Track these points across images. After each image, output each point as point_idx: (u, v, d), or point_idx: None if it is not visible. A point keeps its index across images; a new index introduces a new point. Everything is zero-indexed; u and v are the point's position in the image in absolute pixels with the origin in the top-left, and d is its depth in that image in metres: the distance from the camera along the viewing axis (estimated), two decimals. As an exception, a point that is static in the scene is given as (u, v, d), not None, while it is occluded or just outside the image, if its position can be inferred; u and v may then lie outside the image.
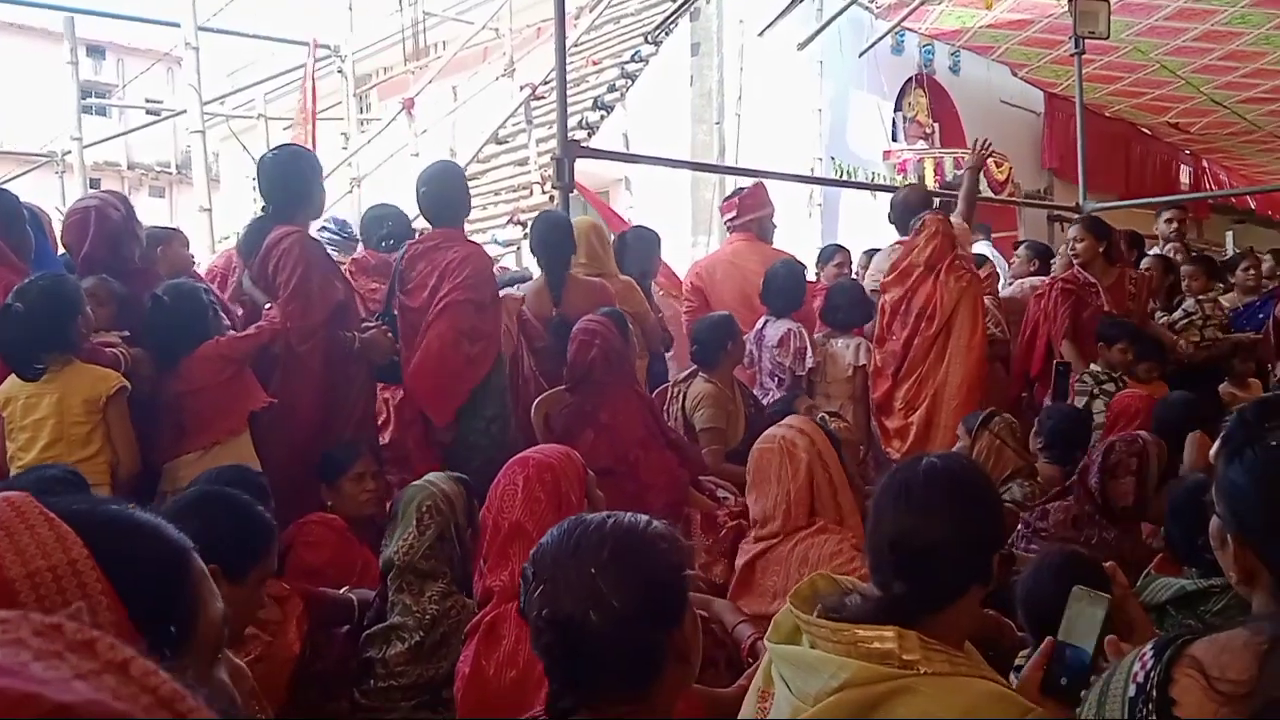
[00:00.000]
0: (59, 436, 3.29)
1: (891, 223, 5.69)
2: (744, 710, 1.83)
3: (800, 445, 2.82)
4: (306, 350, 3.77)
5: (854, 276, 6.36)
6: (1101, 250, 5.72)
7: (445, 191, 4.25)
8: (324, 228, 5.74)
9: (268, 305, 3.84)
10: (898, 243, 5.52)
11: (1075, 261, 5.79)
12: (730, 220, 5.85)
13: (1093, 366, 5.34)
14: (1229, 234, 14.06)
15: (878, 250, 6.03)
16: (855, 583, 1.84)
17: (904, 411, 5.13)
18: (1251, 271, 6.98)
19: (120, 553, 0.93)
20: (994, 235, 9.47)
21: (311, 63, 8.06)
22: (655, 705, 1.47)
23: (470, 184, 5.04)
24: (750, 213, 5.78)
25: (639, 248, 5.41)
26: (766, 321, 5.30)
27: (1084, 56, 8.01)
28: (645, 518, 1.54)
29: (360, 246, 5.51)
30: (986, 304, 5.81)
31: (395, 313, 4.19)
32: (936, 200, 6.30)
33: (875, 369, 5.19)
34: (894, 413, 5.15)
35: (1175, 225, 7.52)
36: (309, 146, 5.15)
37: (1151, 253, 7.18)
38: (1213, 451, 1.40)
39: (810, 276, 6.07)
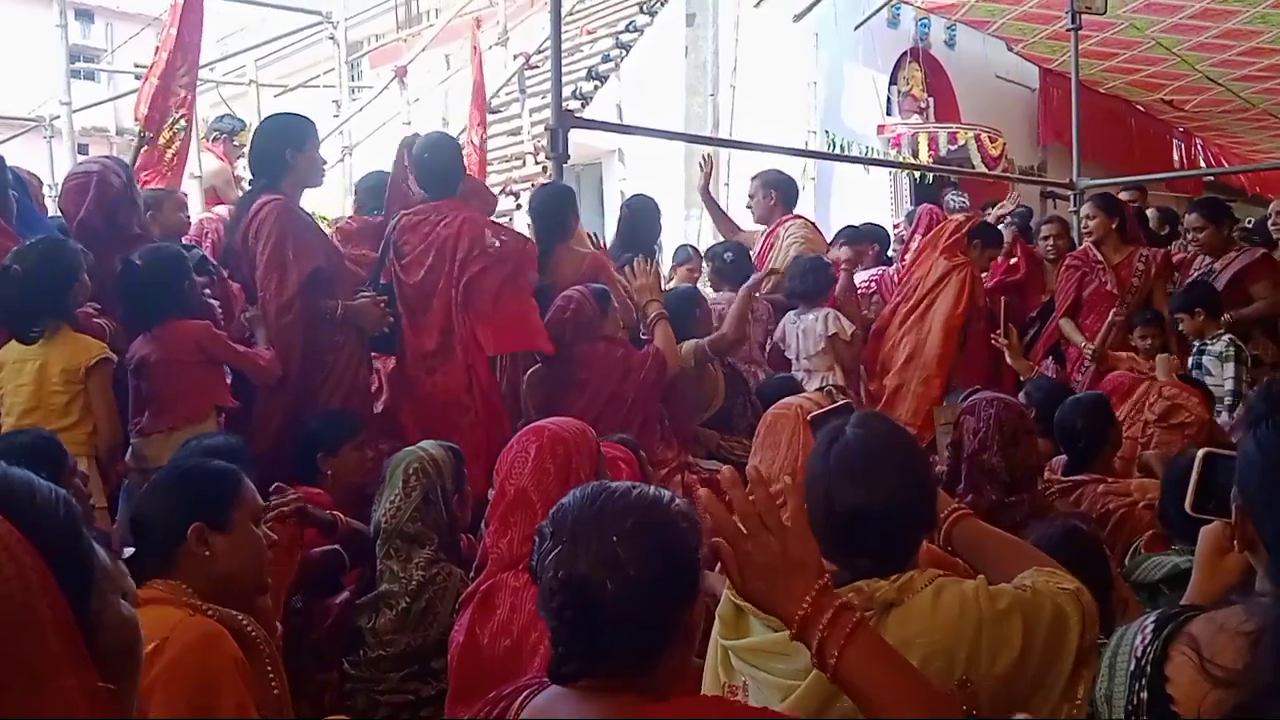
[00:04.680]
0: (37, 404, 3.26)
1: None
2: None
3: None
4: (286, 323, 3.72)
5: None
6: (1114, 227, 5.73)
7: (438, 162, 4.23)
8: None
9: (266, 346, 3.76)
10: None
11: (1088, 239, 5.82)
12: None
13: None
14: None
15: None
16: None
17: (879, 375, 5.22)
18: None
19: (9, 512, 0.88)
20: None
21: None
22: (658, 681, 1.45)
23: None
24: None
25: (642, 219, 5.38)
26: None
27: (1080, 32, 7.97)
28: (668, 493, 1.52)
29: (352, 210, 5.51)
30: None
31: (384, 281, 4.16)
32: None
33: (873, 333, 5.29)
34: (872, 376, 5.23)
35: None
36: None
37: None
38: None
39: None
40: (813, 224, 5.84)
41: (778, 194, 5.79)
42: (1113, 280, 5.64)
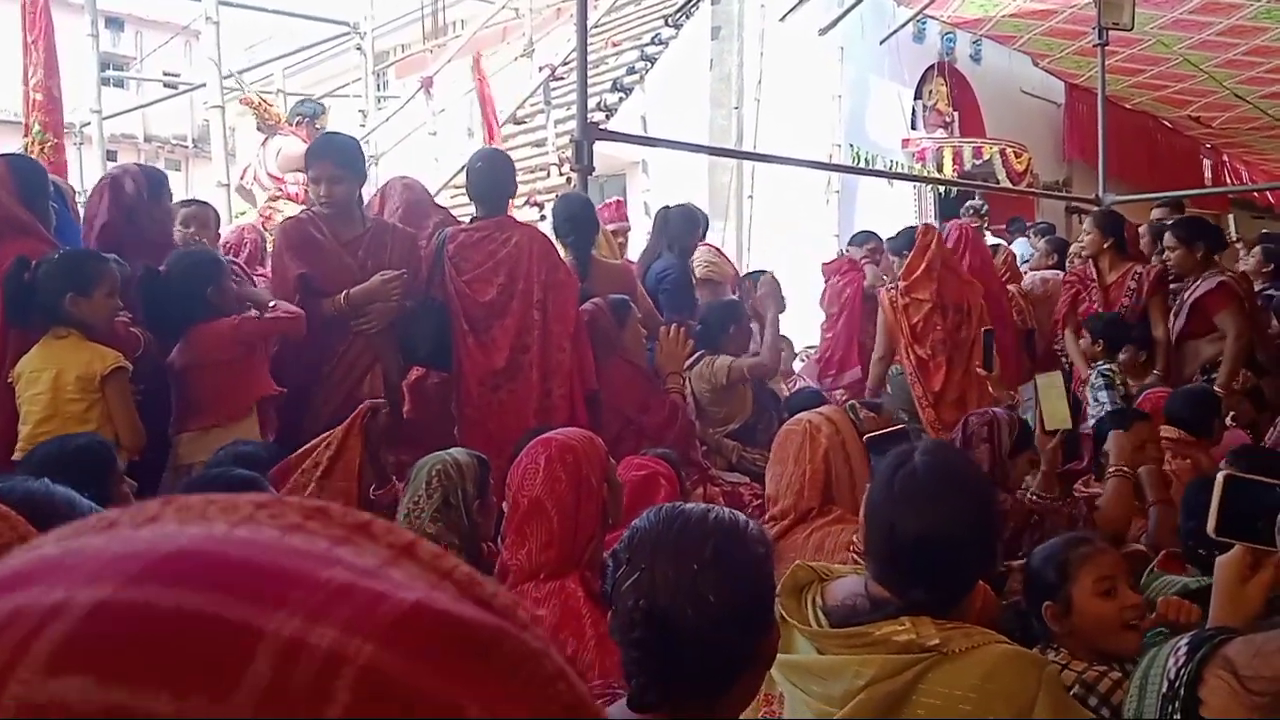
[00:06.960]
0: (53, 412, 3.22)
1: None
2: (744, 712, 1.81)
3: (824, 431, 2.84)
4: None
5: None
6: (1108, 245, 5.69)
7: (495, 176, 4.18)
8: None
9: (271, 303, 3.75)
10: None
11: (1082, 254, 5.83)
12: None
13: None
14: (1230, 218, 13.96)
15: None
16: (830, 568, 1.85)
17: (957, 404, 5.20)
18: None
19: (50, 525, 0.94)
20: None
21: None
22: (731, 704, 1.43)
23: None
24: None
25: (680, 225, 5.38)
26: None
27: (1107, 48, 7.93)
28: (743, 517, 1.48)
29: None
30: (1011, 290, 5.92)
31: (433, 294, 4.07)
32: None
33: (919, 361, 5.23)
34: (947, 404, 5.18)
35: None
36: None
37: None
38: None
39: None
40: (718, 250, 6.00)
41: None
42: (1101, 301, 5.64)
